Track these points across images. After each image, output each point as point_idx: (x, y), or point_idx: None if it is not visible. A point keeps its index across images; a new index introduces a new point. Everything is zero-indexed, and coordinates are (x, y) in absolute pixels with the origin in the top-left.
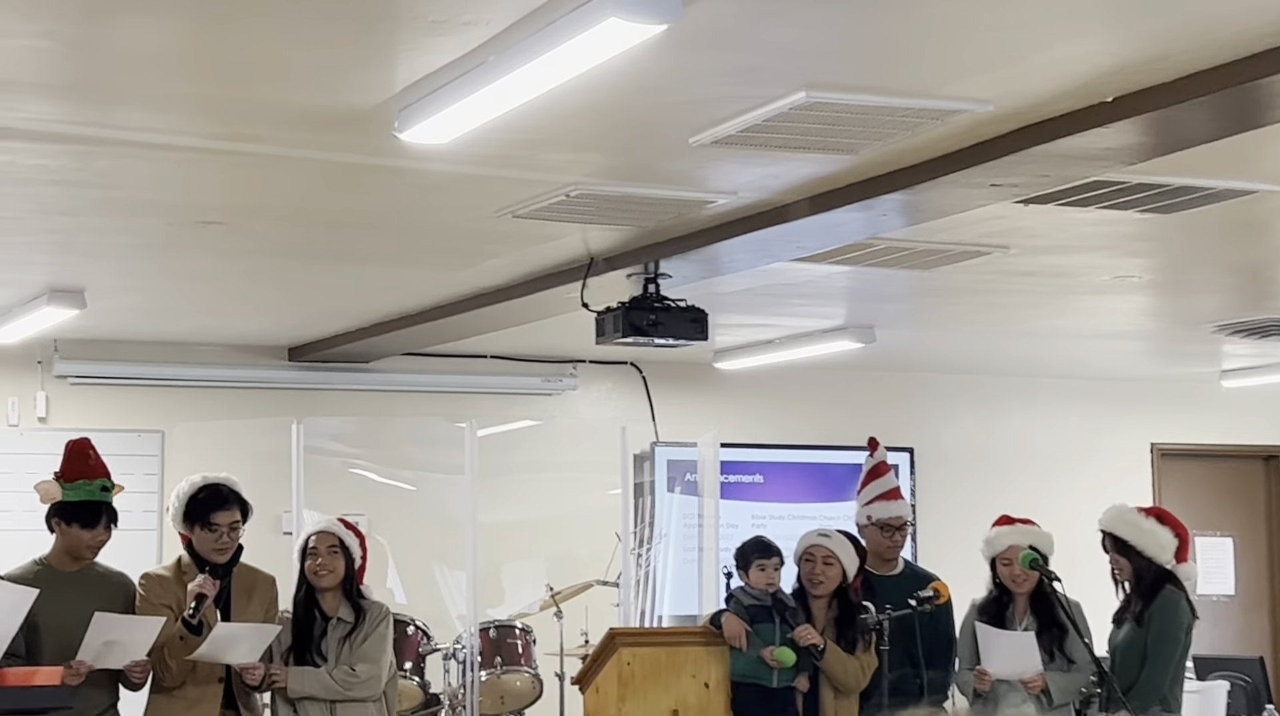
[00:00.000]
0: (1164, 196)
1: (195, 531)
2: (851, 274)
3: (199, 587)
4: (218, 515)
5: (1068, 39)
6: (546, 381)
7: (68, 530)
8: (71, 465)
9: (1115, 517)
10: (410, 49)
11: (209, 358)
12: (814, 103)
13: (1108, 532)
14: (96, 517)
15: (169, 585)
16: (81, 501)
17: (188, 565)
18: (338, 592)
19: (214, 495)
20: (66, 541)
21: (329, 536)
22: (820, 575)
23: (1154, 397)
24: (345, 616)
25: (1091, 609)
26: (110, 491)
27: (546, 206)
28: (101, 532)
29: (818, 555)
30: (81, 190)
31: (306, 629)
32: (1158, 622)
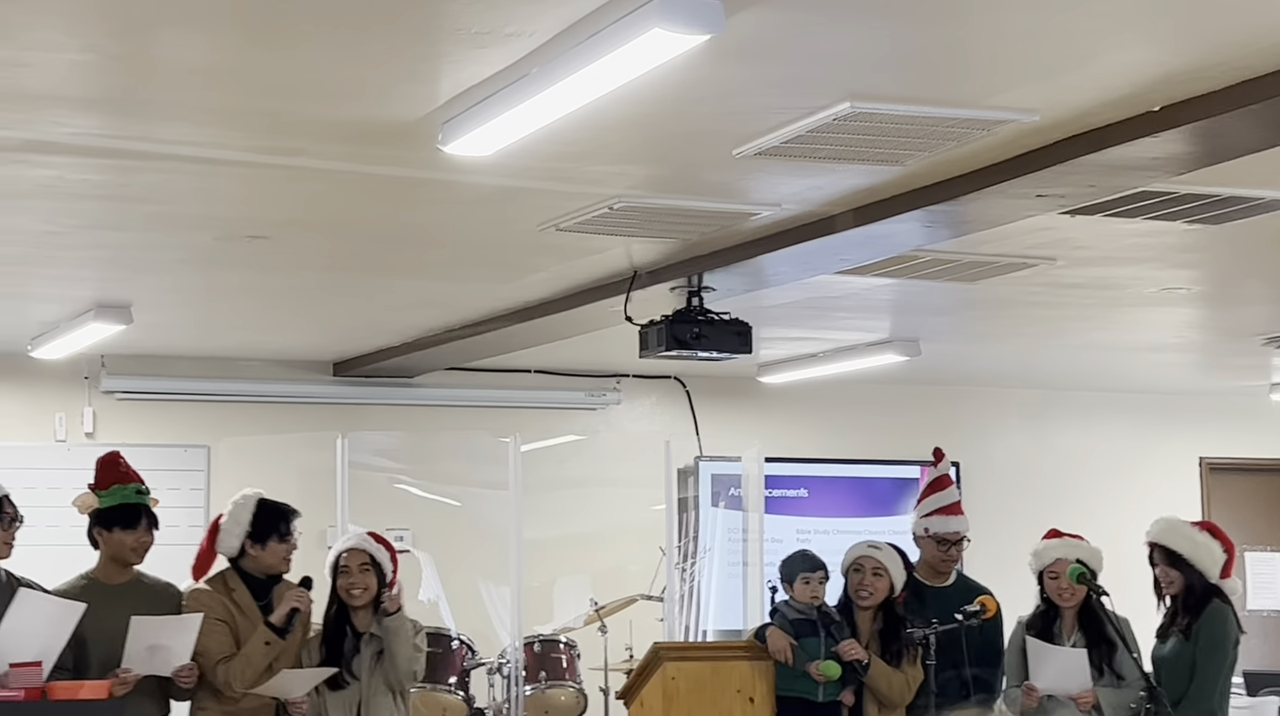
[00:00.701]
0: (1212, 207)
1: (267, 544)
2: (896, 286)
3: (296, 601)
4: (294, 523)
5: (1114, 48)
6: (590, 396)
7: (110, 536)
8: (104, 474)
9: (1167, 530)
10: (454, 61)
11: (254, 373)
12: (859, 113)
13: (1158, 545)
14: (136, 519)
15: (219, 601)
16: (119, 505)
17: (235, 581)
18: (369, 609)
19: (281, 507)
20: (111, 549)
21: (360, 554)
22: (869, 586)
23: (1202, 411)
24: (378, 632)
25: (1141, 624)
26: (145, 495)
27: (590, 219)
28: (144, 534)
29: (867, 566)
30: (127, 205)
31: (337, 645)
32: (1206, 636)
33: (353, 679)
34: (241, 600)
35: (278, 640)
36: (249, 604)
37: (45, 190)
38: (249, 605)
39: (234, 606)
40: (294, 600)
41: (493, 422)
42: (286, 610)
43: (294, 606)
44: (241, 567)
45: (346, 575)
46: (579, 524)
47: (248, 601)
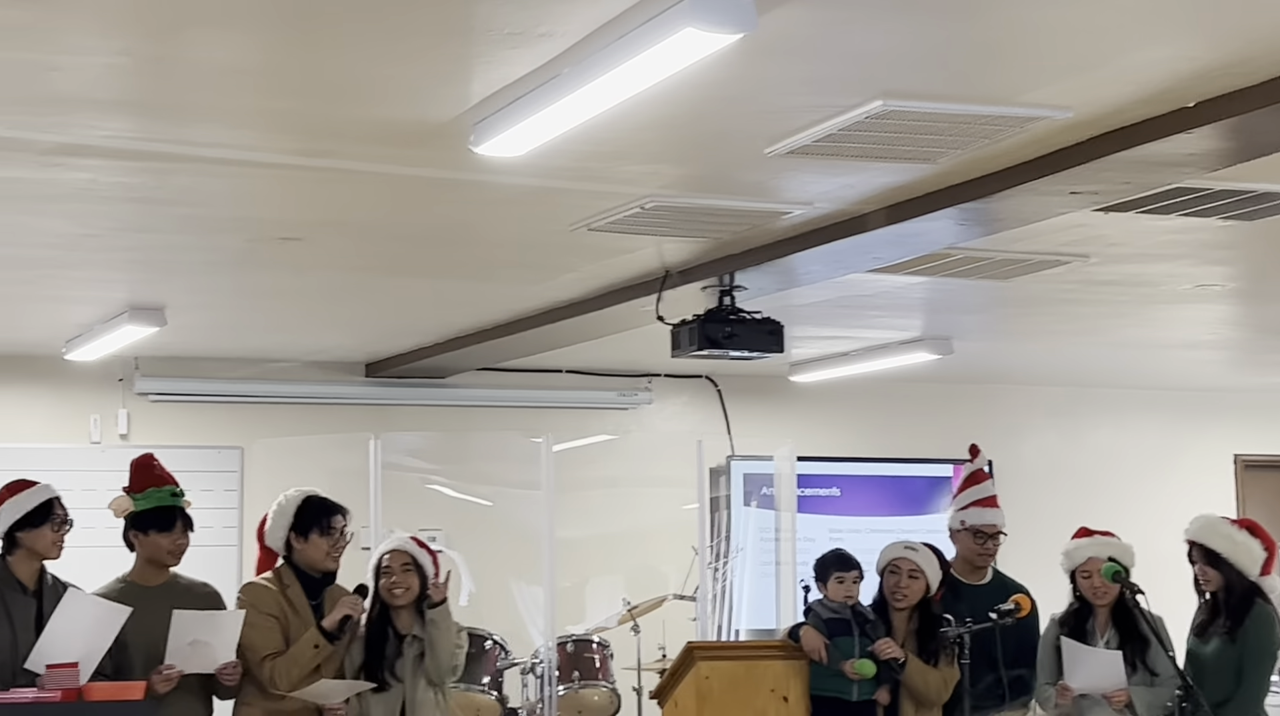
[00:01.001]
0: (1246, 203)
1: (310, 538)
2: (929, 285)
3: (349, 609)
4: (336, 518)
5: (1147, 44)
6: (622, 396)
7: (145, 539)
8: (138, 476)
9: (1206, 528)
10: (486, 62)
11: (287, 374)
12: (891, 111)
13: (1196, 543)
14: (171, 521)
15: (273, 596)
16: (153, 508)
17: (290, 578)
18: (411, 610)
19: (324, 501)
20: (147, 551)
21: (402, 555)
22: (905, 588)
23: (1237, 408)
24: (420, 632)
25: (1176, 622)
26: (180, 497)
27: (621, 219)
28: (179, 536)
29: (903, 568)
30: (161, 208)
31: (379, 647)
32: (1254, 638)
33: (395, 681)
34: (295, 597)
35: (327, 645)
36: (302, 601)
37: (79, 193)
38: (302, 603)
39: (287, 603)
40: (348, 607)
41: (525, 423)
42: (340, 616)
43: (347, 613)
44: (295, 564)
45: (388, 575)
46: (611, 524)
47: (301, 599)
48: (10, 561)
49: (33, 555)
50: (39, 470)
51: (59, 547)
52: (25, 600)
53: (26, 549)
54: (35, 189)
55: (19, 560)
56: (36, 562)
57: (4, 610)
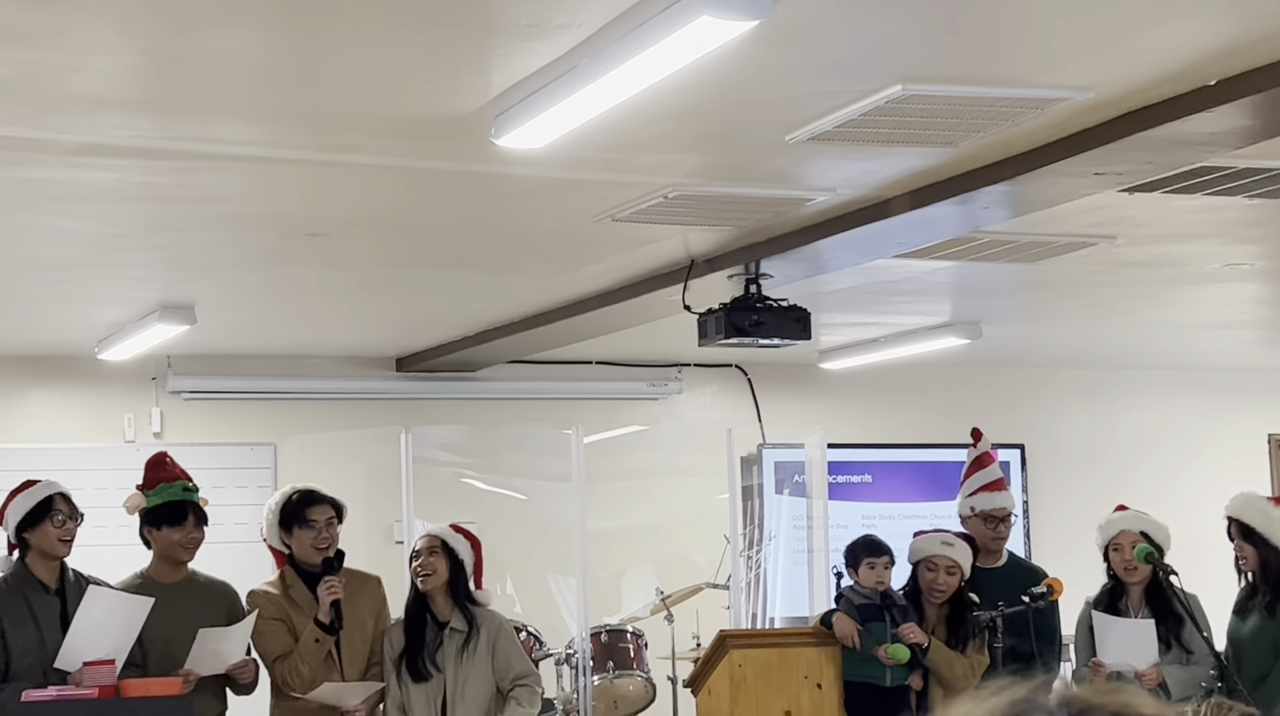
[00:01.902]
0: (1273, 180)
1: (294, 534)
2: (956, 269)
3: (331, 594)
4: (312, 511)
5: (1166, 21)
6: (652, 386)
7: (159, 534)
8: (150, 473)
9: (1244, 504)
10: (504, 54)
11: (318, 370)
12: (910, 95)
13: (1234, 519)
14: (183, 515)
15: (275, 600)
16: (164, 503)
17: (291, 577)
18: (446, 596)
19: (305, 495)
20: (161, 547)
21: (432, 538)
22: (943, 584)
23: (1270, 387)
24: (458, 625)
25: (1211, 602)
26: (192, 492)
27: (645, 209)
28: (192, 530)
29: (941, 565)
30: (187, 206)
31: (418, 634)
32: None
33: (435, 671)
34: (297, 595)
35: (327, 637)
36: (305, 597)
37: (105, 193)
38: (305, 598)
39: (289, 602)
40: (326, 592)
41: (555, 414)
42: (327, 604)
43: (331, 598)
44: (295, 561)
45: (417, 558)
46: (643, 514)
47: (304, 596)
48: (28, 562)
49: (44, 554)
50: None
51: (66, 544)
52: (48, 599)
53: (36, 548)
54: (62, 190)
55: (35, 560)
56: (53, 561)
57: (28, 610)
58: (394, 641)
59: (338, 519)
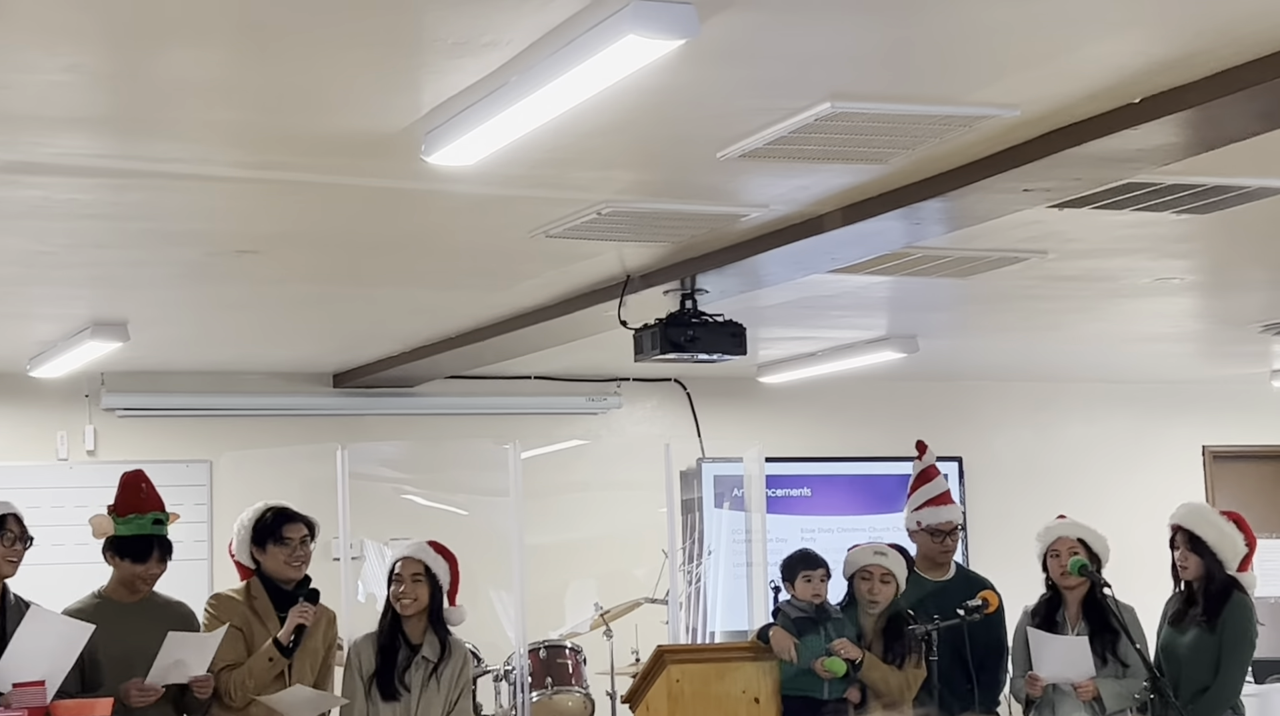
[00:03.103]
0: (1200, 196)
1: (268, 550)
2: (891, 284)
3: (301, 618)
4: (288, 528)
5: (1092, 40)
6: (591, 400)
7: (120, 564)
8: (123, 498)
9: (1195, 515)
10: (433, 72)
11: (254, 386)
12: (840, 113)
13: (1184, 528)
14: (147, 552)
15: (238, 607)
16: (132, 535)
17: (258, 590)
18: (423, 620)
19: (280, 513)
20: (120, 574)
21: (414, 562)
22: (878, 593)
23: (1204, 399)
24: (429, 652)
25: (1145, 614)
26: (164, 523)
27: (578, 225)
28: (154, 566)
29: (875, 573)
30: (117, 223)
31: (391, 655)
32: (1233, 628)
33: (404, 690)
34: (261, 608)
35: (281, 658)
36: (269, 612)
37: (35, 210)
38: (269, 613)
39: (253, 613)
40: (297, 616)
41: (495, 429)
42: (291, 627)
43: (299, 622)
44: (265, 576)
45: (398, 583)
46: (583, 528)
47: (267, 609)
48: None
49: None
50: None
51: (13, 565)
52: None
53: None
54: None
55: None
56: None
57: None
58: (364, 658)
59: (311, 537)
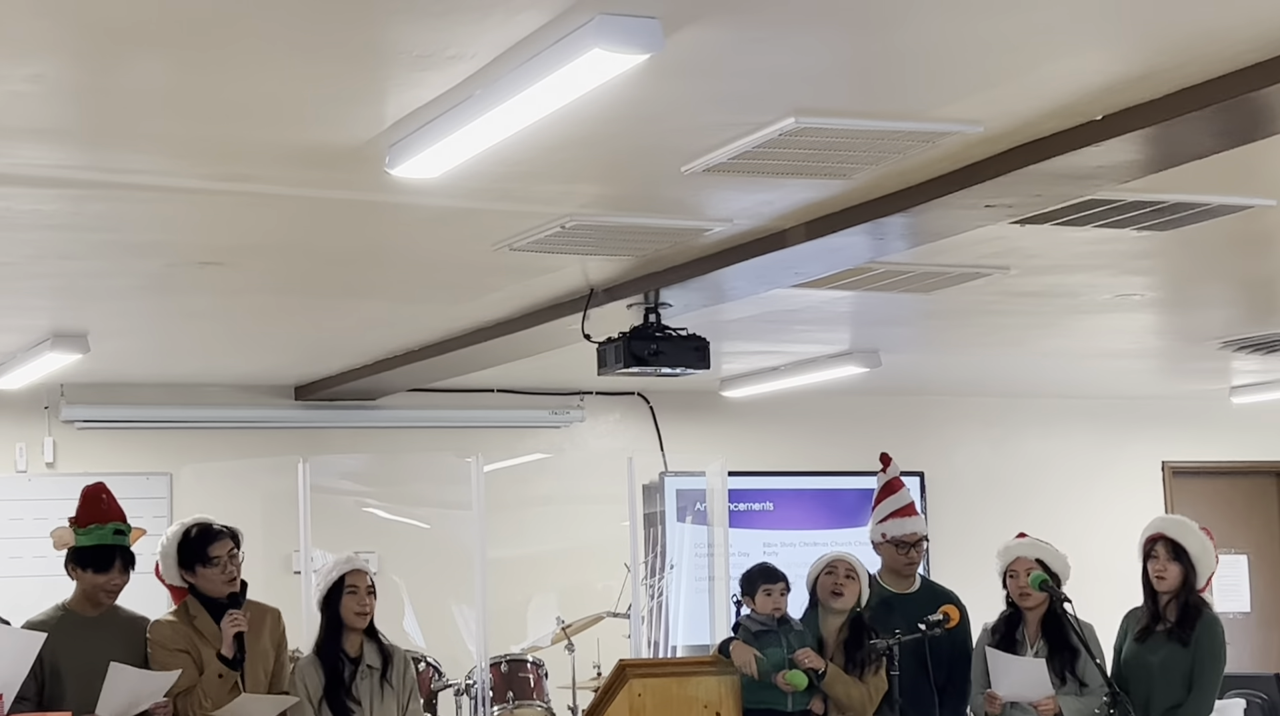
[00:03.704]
0: (1160, 213)
1: (197, 572)
2: (854, 298)
3: (235, 626)
4: (213, 547)
5: (1054, 58)
6: (554, 414)
7: (82, 575)
8: (84, 509)
9: (1179, 525)
10: (398, 84)
11: (215, 398)
12: (803, 128)
13: (1167, 537)
14: (109, 562)
15: (181, 631)
16: (93, 546)
17: (196, 608)
18: (360, 632)
19: (203, 531)
20: (83, 586)
21: (364, 575)
22: (843, 586)
23: (1164, 415)
24: (372, 659)
25: (1103, 629)
26: (125, 534)
27: (543, 238)
28: (116, 577)
29: (840, 568)
30: (79, 234)
31: (336, 672)
32: (1206, 645)
33: (355, 705)
34: (203, 626)
35: (230, 672)
36: (211, 629)
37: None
38: (211, 630)
39: (195, 633)
40: (230, 625)
41: (457, 443)
42: (230, 637)
43: (236, 631)
44: (200, 594)
45: (355, 595)
46: (546, 542)
47: (209, 627)
48: None
49: None
50: None
51: None
52: None
53: None
54: None
55: None
56: None
57: None
58: (310, 681)
59: (236, 546)
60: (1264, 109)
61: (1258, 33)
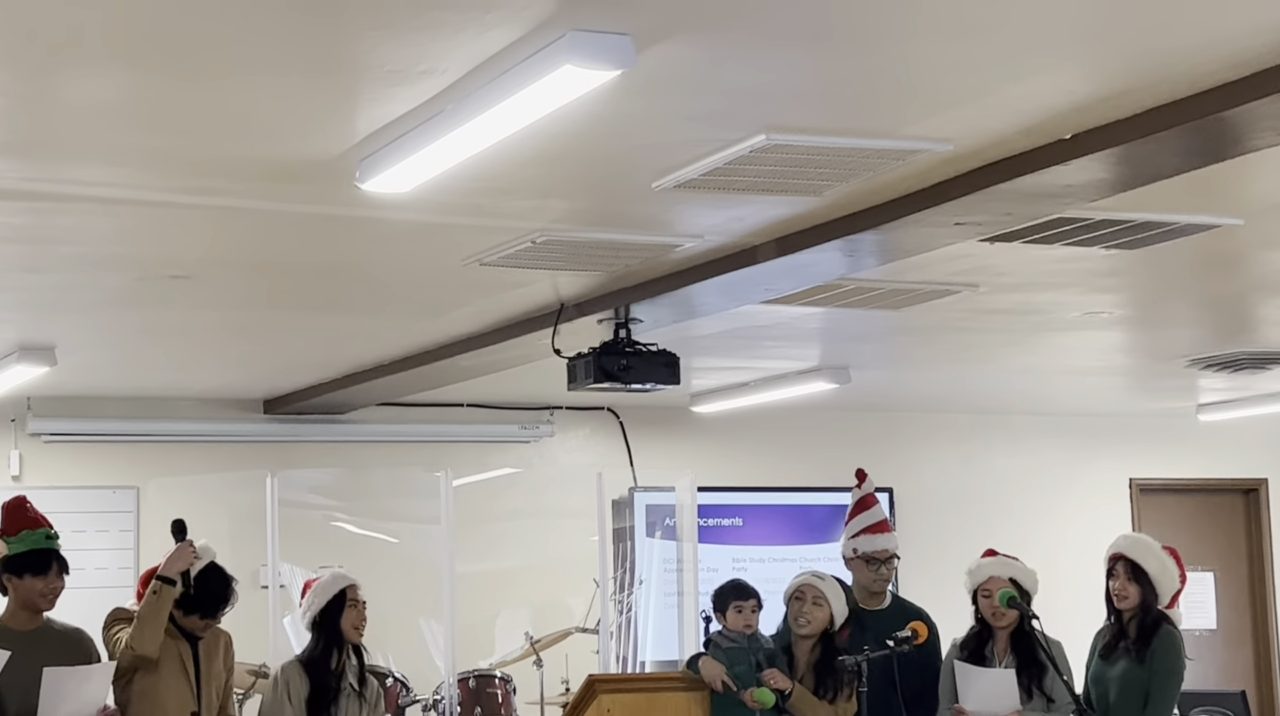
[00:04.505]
0: (1128, 232)
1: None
2: (824, 315)
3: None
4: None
5: (1025, 77)
6: (524, 428)
7: (20, 582)
8: (11, 519)
9: (1139, 546)
10: (369, 99)
11: (183, 412)
12: (774, 145)
13: (1127, 558)
14: (47, 564)
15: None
16: (29, 551)
17: None
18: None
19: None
20: (21, 595)
21: (360, 589)
22: (807, 615)
23: (1131, 432)
24: (351, 676)
25: (1072, 646)
26: (56, 540)
27: (513, 253)
28: (54, 580)
29: (808, 594)
30: (46, 247)
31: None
32: (1162, 661)
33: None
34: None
35: (166, 586)
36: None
37: None
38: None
39: None
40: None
41: (427, 457)
42: (182, 566)
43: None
44: None
45: (355, 608)
46: (515, 557)
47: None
48: None
49: None
50: None
51: None
52: None
53: None
54: None
55: None
56: None
57: None
58: (294, 684)
59: None
60: (1232, 129)
61: (1226, 53)
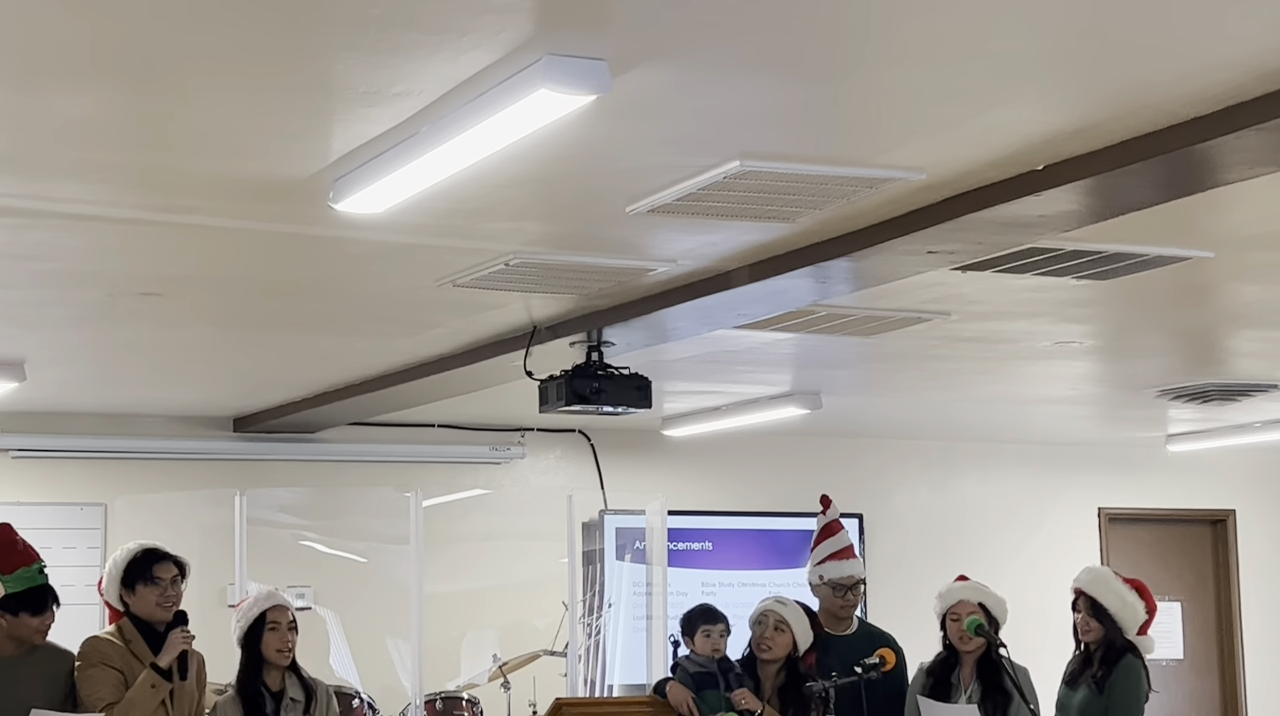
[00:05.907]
0: (1099, 263)
1: (137, 591)
2: (796, 341)
3: (182, 643)
4: (159, 568)
5: (998, 108)
6: (495, 450)
7: (15, 620)
8: (4, 557)
9: (1099, 582)
10: (343, 119)
11: (152, 429)
12: (748, 171)
13: (1085, 594)
14: (44, 603)
15: (116, 648)
16: (26, 590)
17: (131, 632)
18: (282, 668)
19: (151, 552)
20: (15, 630)
21: (287, 611)
22: (770, 641)
23: (1101, 462)
24: (296, 694)
25: (1042, 673)
26: (45, 572)
27: (486, 275)
28: (49, 617)
29: (769, 620)
30: (16, 262)
31: (257, 703)
32: (1120, 690)
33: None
34: (139, 650)
35: (163, 681)
36: (146, 654)
37: None
38: (145, 654)
39: (132, 656)
40: (180, 642)
41: (397, 477)
42: (175, 654)
43: (182, 649)
44: (135, 617)
45: (276, 631)
46: (483, 578)
47: (145, 652)
48: None
49: None
50: None
51: None
52: None
53: None
54: None
55: None
56: None
57: None
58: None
59: (181, 577)
60: (1202, 162)
61: (1197, 87)
